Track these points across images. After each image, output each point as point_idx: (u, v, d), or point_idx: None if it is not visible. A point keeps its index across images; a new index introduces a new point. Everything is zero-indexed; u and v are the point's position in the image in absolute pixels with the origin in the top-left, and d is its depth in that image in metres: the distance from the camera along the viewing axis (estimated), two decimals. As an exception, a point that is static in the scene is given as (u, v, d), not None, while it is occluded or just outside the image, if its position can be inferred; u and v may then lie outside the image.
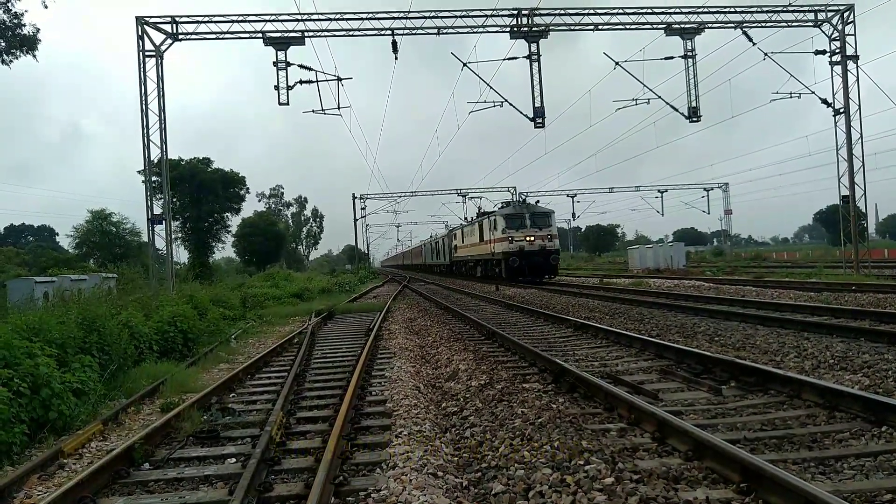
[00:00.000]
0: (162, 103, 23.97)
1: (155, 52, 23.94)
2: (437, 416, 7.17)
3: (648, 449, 5.42)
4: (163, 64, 24.07)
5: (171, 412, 7.34)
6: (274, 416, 6.85)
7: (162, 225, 24.57)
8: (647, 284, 27.93)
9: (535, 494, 4.51)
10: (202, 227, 56.69)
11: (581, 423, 6.16)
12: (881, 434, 5.47)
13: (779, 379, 7.31)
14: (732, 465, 4.55)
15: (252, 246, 73.94)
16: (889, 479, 4.49)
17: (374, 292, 36.64)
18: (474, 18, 25.24)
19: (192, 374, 10.89)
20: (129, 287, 19.44)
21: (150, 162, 24.08)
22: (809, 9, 26.50)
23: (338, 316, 21.14)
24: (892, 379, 7.24)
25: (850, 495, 4.22)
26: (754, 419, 6.23)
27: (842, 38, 26.23)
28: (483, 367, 9.50)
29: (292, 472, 5.52)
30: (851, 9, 26.44)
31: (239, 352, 14.27)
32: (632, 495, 4.21)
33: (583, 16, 25.86)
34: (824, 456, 5.04)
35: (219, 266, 67.60)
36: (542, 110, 25.32)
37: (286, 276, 44.35)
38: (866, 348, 8.91)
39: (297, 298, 30.44)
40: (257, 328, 19.19)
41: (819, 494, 3.78)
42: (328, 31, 24.82)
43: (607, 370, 9.03)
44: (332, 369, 10.60)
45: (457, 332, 14.69)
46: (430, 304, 24.26)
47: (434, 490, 4.69)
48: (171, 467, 5.85)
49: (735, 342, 10.49)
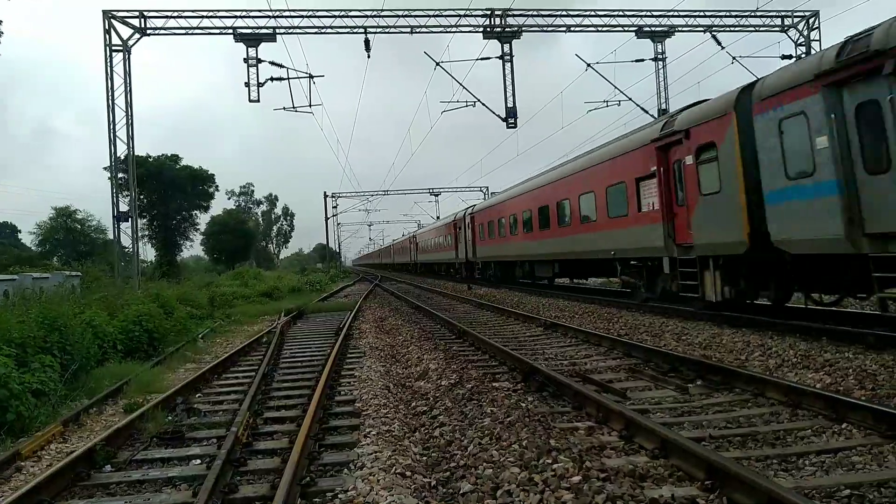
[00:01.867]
0: (129, 99, 23.58)
1: (122, 46, 23.50)
2: (406, 416, 7.14)
3: (616, 447, 5.46)
4: (130, 59, 23.67)
5: (135, 413, 7.19)
6: (241, 416, 6.76)
7: (128, 222, 24.16)
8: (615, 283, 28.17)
9: (503, 493, 4.51)
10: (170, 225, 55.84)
11: (550, 422, 6.18)
12: (841, 431, 5.58)
13: (743, 377, 7.43)
14: (698, 463, 4.61)
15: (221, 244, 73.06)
16: (848, 475, 4.59)
17: (345, 291, 36.41)
18: (447, 18, 25.26)
19: (158, 374, 10.69)
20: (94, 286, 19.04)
21: (116, 158, 23.65)
22: (776, 14, 27.06)
23: (308, 315, 20.96)
24: (852, 377, 7.39)
25: (810, 491, 4.30)
26: (719, 417, 6.32)
27: (807, 43, 26.78)
28: (453, 367, 9.48)
29: (258, 472, 5.44)
30: (816, 15, 27.06)
31: (206, 351, 14.06)
32: (598, 493, 4.23)
33: (555, 17, 26.05)
34: (787, 453, 5.12)
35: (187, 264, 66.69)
36: (514, 111, 25.44)
37: (256, 275, 43.86)
38: (828, 347, 9.09)
39: (266, 297, 30.10)
40: (225, 327, 18.92)
41: (780, 491, 3.84)
42: (300, 28, 24.66)
43: (576, 369, 9.08)
44: (301, 369, 10.50)
45: (428, 331, 14.66)
46: (402, 304, 24.20)
47: (402, 490, 4.66)
48: (133, 469, 5.73)
49: (702, 341, 10.63)
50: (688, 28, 26.97)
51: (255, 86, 24.40)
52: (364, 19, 24.87)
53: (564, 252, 20.45)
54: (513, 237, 26.24)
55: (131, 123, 23.70)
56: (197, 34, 24.55)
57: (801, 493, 4.11)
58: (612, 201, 16.26)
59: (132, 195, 24.72)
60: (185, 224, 58.76)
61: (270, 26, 24.38)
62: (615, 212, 16.13)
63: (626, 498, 4.20)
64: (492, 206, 30.85)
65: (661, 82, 28.19)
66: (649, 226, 14.28)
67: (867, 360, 7.98)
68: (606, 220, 16.56)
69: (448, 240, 41.84)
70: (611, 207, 16.47)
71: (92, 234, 55.88)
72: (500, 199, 29.14)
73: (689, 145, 12.40)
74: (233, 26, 24.27)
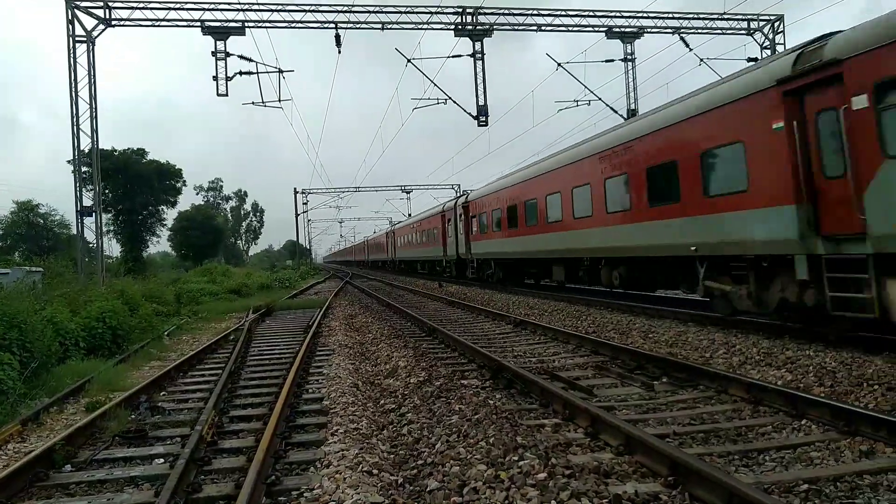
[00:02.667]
0: (93, 91, 23.05)
1: (86, 37, 22.98)
2: (374, 414, 7.11)
3: (582, 444, 5.51)
4: (94, 50, 23.16)
5: (97, 411, 7.07)
6: (206, 414, 6.67)
7: (92, 217, 23.64)
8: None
9: (470, 491, 4.52)
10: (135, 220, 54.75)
11: (517, 419, 6.21)
12: (801, 427, 5.71)
13: (708, 375, 7.56)
14: (661, 460, 4.67)
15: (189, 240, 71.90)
16: (807, 470, 4.70)
17: (315, 288, 36.16)
18: (419, 15, 25.17)
19: (121, 371, 10.50)
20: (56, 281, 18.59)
21: (80, 152, 23.14)
22: (743, 17, 27.53)
23: (277, 312, 20.79)
24: (812, 374, 7.56)
25: (770, 486, 4.39)
26: (684, 414, 6.42)
27: (772, 46, 27.27)
28: (422, 364, 9.48)
29: (223, 471, 5.38)
30: (781, 19, 27.59)
31: (172, 349, 13.85)
32: (563, 490, 4.26)
33: (526, 16, 26.15)
34: (748, 449, 5.22)
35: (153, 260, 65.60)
36: (485, 109, 25.46)
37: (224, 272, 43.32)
38: (790, 345, 9.28)
39: (234, 294, 29.76)
40: (192, 325, 18.66)
41: (740, 487, 3.91)
42: (269, 22, 24.37)
43: (545, 366, 9.15)
44: (269, 367, 10.40)
45: (398, 328, 14.63)
46: (372, 301, 24.11)
47: (368, 488, 4.64)
48: (94, 469, 5.63)
49: (668, 339, 10.78)
50: (657, 30, 27.31)
51: (224, 80, 24.08)
52: (335, 14, 24.68)
53: (610, 247, 15.57)
54: (529, 229, 21.14)
55: (95, 116, 23.18)
56: (164, 26, 24.10)
57: (761, 489, 4.20)
58: (700, 175, 11.67)
59: (96, 189, 24.21)
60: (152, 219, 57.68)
61: (239, 20, 24.04)
62: (709, 190, 11.48)
63: (591, 494, 4.24)
64: (497, 191, 24.97)
65: (630, 83, 28.50)
66: (768, 209, 9.92)
67: (827, 358, 8.18)
68: (690, 203, 11.99)
69: (434, 234, 36.08)
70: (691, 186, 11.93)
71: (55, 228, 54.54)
72: (509, 183, 23.59)
73: (858, 83, 8.24)
74: (201, 19, 23.86)
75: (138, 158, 54.96)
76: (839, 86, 8.55)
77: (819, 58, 8.82)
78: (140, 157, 55.37)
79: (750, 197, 10.36)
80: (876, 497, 4.18)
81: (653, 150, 13.30)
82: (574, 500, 4.17)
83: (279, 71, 25.06)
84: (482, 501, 4.33)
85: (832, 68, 8.59)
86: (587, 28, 26.92)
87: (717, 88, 11.54)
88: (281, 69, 25.10)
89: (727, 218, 10.90)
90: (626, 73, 28.38)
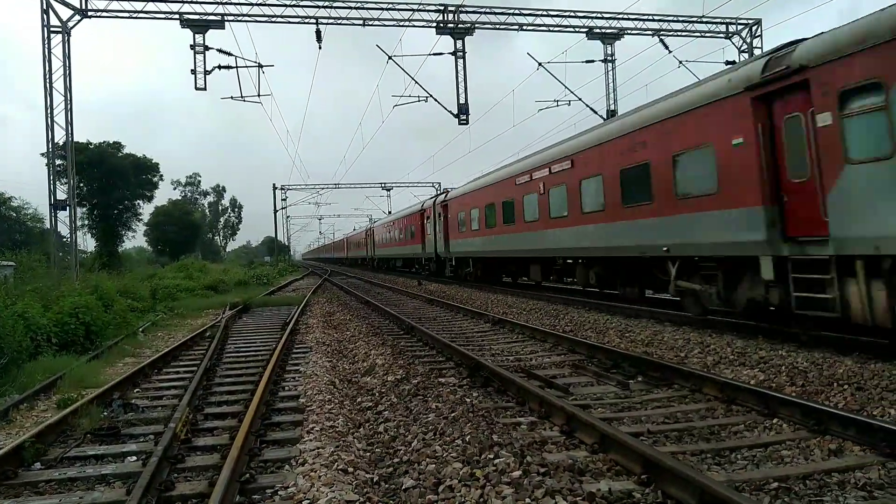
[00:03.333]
0: (68, 83, 22.68)
1: (61, 28, 22.60)
2: (351, 412, 7.09)
3: (557, 442, 5.54)
4: (70, 41, 22.77)
5: (68, 408, 6.96)
6: (180, 411, 6.60)
7: (66, 211, 23.26)
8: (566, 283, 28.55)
9: (445, 489, 4.52)
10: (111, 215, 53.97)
11: (493, 417, 6.23)
12: (772, 426, 5.80)
13: (682, 374, 7.64)
14: (635, 458, 4.71)
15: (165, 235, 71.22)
16: (777, 469, 4.77)
17: (293, 285, 35.95)
18: (401, 12, 25.09)
19: (94, 368, 10.36)
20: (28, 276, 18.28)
21: (54, 144, 22.75)
22: (721, 21, 27.81)
23: (254, 309, 20.63)
24: (784, 374, 7.67)
25: (741, 484, 4.45)
26: (658, 412, 6.48)
27: (750, 49, 27.60)
28: (400, 362, 9.47)
29: (197, 469, 5.32)
30: (759, 23, 27.93)
31: (146, 345, 13.69)
32: (538, 488, 4.28)
33: (508, 15, 26.20)
34: (720, 447, 5.29)
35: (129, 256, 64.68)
36: (466, 107, 25.47)
37: (201, 268, 42.85)
38: (763, 345, 9.41)
39: (211, 291, 29.48)
40: (167, 321, 18.46)
41: (712, 485, 3.96)
42: (249, 16, 24.15)
43: (522, 364, 9.19)
44: (245, 364, 10.32)
45: (376, 326, 14.60)
46: (351, 298, 24.02)
47: (343, 486, 4.62)
48: (65, 467, 5.55)
49: (644, 338, 10.87)
50: (637, 31, 27.50)
51: (203, 74, 23.80)
52: (316, 9, 24.50)
53: (584, 248, 15.91)
54: (506, 228, 21.39)
55: (70, 109, 22.81)
56: (142, 18, 23.78)
57: (732, 487, 4.26)
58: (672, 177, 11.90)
59: (71, 183, 23.82)
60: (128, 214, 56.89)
61: (219, 13, 23.79)
62: (680, 192, 11.75)
63: (565, 492, 4.27)
64: (475, 191, 25.10)
65: (610, 84, 28.68)
66: (737, 210, 10.14)
67: (799, 358, 8.30)
68: (659, 204, 12.33)
69: (413, 232, 35.97)
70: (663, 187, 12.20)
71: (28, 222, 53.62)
72: (487, 183, 23.80)
73: (823, 90, 8.43)
74: (179, 11, 23.59)
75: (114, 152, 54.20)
76: (805, 92, 8.79)
77: (786, 64, 9.04)
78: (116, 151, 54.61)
79: (715, 198, 10.70)
80: (843, 495, 4.26)
81: (625, 151, 13.60)
82: (548, 497, 4.19)
83: (259, 66, 24.89)
84: (457, 499, 4.34)
85: (798, 75, 8.82)
86: (568, 28, 27.05)
87: (688, 92, 11.78)
88: (261, 64, 24.95)
89: (700, 218, 11.15)
90: (607, 74, 28.57)
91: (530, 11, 26.57)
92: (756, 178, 9.65)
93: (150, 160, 58.24)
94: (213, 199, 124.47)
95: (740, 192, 10.03)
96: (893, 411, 5.97)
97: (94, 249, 54.04)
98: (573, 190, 16.09)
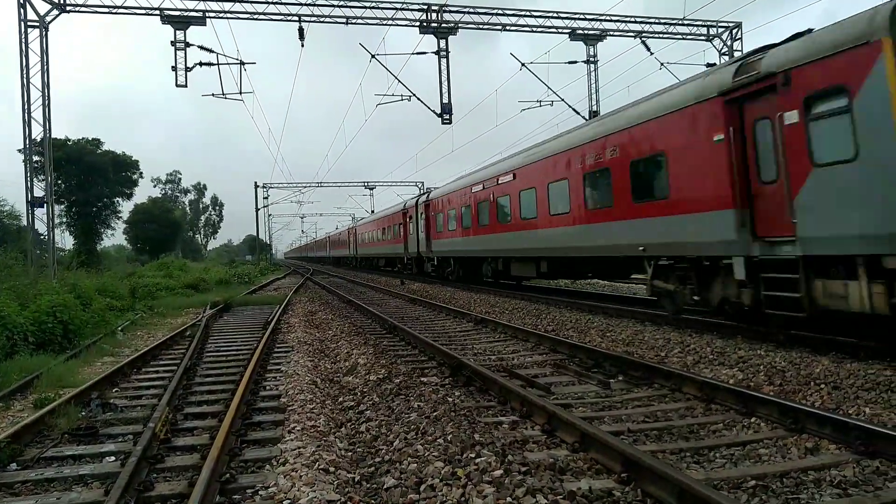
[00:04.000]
0: (46, 78, 22.37)
1: (39, 22, 22.28)
2: (332, 411, 7.07)
3: (538, 441, 5.57)
4: (47, 35, 22.46)
5: (45, 408, 6.87)
6: (159, 411, 6.55)
7: (44, 208, 22.95)
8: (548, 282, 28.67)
9: (427, 488, 4.53)
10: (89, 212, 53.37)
11: (475, 417, 6.25)
12: (750, 425, 5.87)
13: (662, 373, 7.71)
14: (615, 457, 4.75)
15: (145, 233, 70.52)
16: (755, 467, 4.83)
17: (275, 284, 35.75)
18: (384, 11, 25.04)
19: (72, 367, 10.23)
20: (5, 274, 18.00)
21: (31, 140, 22.43)
22: (702, 23, 28.08)
23: (235, 308, 20.49)
24: (763, 374, 7.77)
25: (719, 482, 4.50)
26: (638, 411, 6.53)
27: (730, 52, 27.88)
28: (382, 362, 9.46)
29: (176, 469, 5.28)
30: (739, 26, 28.24)
31: (126, 344, 13.54)
32: (519, 487, 4.31)
33: (492, 15, 26.24)
34: (699, 446, 5.35)
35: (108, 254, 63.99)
36: (449, 106, 25.44)
37: (181, 266, 42.50)
38: (742, 345, 9.52)
39: (192, 289, 29.20)
40: (147, 320, 18.27)
41: (690, 483, 4.00)
42: (231, 13, 23.95)
43: (504, 364, 9.22)
44: (226, 363, 10.25)
45: (358, 325, 14.56)
46: (333, 298, 23.94)
47: (324, 486, 4.61)
48: (41, 467, 5.47)
49: (625, 338, 10.95)
50: (619, 33, 27.67)
51: (184, 70, 23.59)
52: (298, 7, 24.38)
53: (557, 248, 16.51)
54: (481, 229, 22.11)
55: (48, 104, 22.50)
56: (121, 13, 23.50)
57: (710, 485, 4.30)
58: (641, 180, 12.49)
59: (48, 179, 23.52)
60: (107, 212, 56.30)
61: (200, 9, 23.56)
62: (647, 194, 12.30)
63: (546, 491, 4.29)
64: (457, 190, 25.15)
65: (592, 84, 28.84)
66: (709, 213, 10.41)
67: (777, 357, 8.41)
68: (632, 206, 12.78)
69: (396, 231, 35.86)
70: (637, 189, 12.61)
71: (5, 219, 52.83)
72: (469, 183, 23.82)
73: (792, 95, 8.71)
74: (160, 7, 23.35)
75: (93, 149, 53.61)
76: (774, 97, 9.02)
77: (756, 70, 9.32)
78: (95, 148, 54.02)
79: (688, 200, 11.07)
80: (819, 492, 4.33)
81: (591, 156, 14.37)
82: (529, 496, 4.22)
83: (240, 63, 24.73)
84: (438, 498, 4.34)
85: (768, 80, 9.09)
86: (551, 29, 27.16)
87: (661, 97, 12.12)
88: (242, 61, 24.79)
89: (674, 220, 11.48)
90: (589, 75, 28.72)
91: (513, 12, 26.64)
92: (727, 180, 9.89)
93: (130, 157, 57.71)
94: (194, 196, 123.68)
95: (711, 195, 10.34)
96: (868, 410, 6.08)
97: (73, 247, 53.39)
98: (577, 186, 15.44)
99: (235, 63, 24.62)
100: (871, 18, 7.69)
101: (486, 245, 21.88)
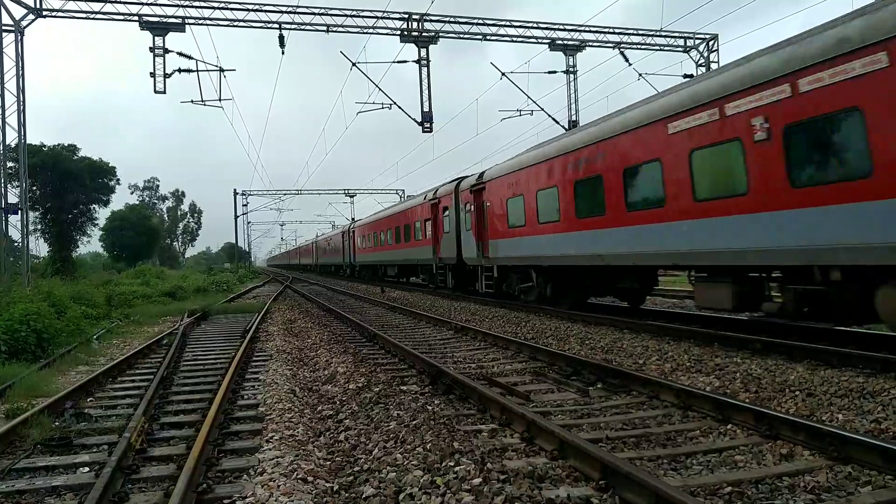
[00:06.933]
0: (21, 83, 22.07)
1: (14, 27, 22.00)
2: (311, 420, 7.03)
3: (517, 449, 5.57)
4: (23, 40, 22.18)
5: (17, 419, 6.73)
6: (135, 421, 6.46)
7: (17, 215, 22.59)
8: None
9: (406, 497, 4.51)
10: (65, 219, 52.54)
11: (454, 425, 6.25)
12: (727, 432, 5.94)
13: (640, 380, 7.76)
14: (593, 464, 4.77)
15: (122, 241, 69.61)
16: (731, 473, 4.88)
17: (254, 292, 35.48)
18: (365, 19, 25.11)
19: (46, 376, 10.05)
20: (-24, 282, 17.72)
21: (5, 146, 22.09)
22: (680, 35, 28.48)
23: (213, 316, 20.28)
24: (739, 381, 7.86)
25: (696, 489, 4.54)
26: (616, 419, 6.58)
27: (707, 64, 28.31)
28: (362, 370, 9.43)
29: (152, 480, 5.21)
30: (716, 38, 28.69)
31: (101, 353, 13.34)
32: (498, 495, 4.31)
33: (472, 25, 26.38)
34: (677, 453, 5.39)
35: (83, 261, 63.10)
36: (430, 115, 25.52)
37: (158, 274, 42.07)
38: (719, 352, 9.63)
39: (169, 297, 28.89)
40: (123, 328, 18.02)
41: (667, 490, 4.03)
42: (211, 19, 23.83)
43: (483, 372, 9.23)
44: (203, 372, 10.14)
45: (338, 334, 14.50)
46: (313, 306, 23.81)
47: (303, 495, 4.58)
48: (12, 479, 5.36)
49: (604, 345, 11.03)
50: (598, 43, 27.97)
51: (162, 77, 23.42)
52: (279, 15, 24.34)
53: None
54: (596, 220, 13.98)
55: (23, 109, 22.20)
56: (100, 19, 23.29)
57: (687, 491, 4.34)
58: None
59: (23, 186, 23.16)
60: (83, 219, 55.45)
61: (179, 16, 23.45)
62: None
63: (525, 499, 4.30)
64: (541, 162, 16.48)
65: (572, 94, 29.09)
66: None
67: (753, 365, 8.52)
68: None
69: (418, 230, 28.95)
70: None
71: (-24, 226, 52.03)
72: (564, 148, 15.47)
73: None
74: (139, 13, 23.20)
75: (69, 155, 52.83)
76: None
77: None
78: (71, 154, 53.25)
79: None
80: (793, 498, 4.38)
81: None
82: (508, 504, 4.22)
83: (220, 70, 24.59)
84: (417, 507, 4.33)
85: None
86: (531, 39, 27.37)
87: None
88: (222, 68, 24.65)
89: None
90: (569, 85, 28.97)
91: (494, 21, 26.79)
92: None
93: (107, 163, 56.87)
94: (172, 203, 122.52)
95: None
96: (841, 416, 6.18)
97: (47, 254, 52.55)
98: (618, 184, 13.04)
99: (215, 70, 24.51)
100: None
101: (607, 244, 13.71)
